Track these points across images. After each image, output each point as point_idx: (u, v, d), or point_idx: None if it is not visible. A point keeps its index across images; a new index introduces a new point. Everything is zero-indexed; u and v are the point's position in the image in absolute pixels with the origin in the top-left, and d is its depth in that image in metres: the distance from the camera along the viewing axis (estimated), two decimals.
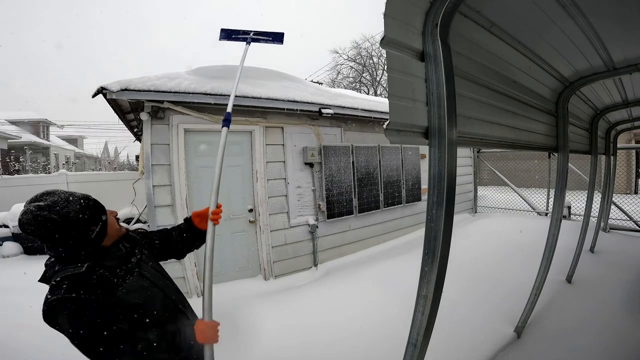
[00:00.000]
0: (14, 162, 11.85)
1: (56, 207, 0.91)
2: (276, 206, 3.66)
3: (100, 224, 1.00)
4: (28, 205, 0.91)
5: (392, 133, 0.95)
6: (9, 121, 14.29)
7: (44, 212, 0.89)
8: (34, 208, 0.89)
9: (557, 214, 2.15)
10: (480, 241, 4.16)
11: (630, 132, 7.54)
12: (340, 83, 19.52)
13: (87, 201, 0.99)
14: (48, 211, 0.89)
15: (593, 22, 1.33)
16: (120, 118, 3.79)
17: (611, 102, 2.80)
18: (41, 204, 0.90)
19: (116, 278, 0.98)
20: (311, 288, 3.21)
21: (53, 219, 0.89)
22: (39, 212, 0.89)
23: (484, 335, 2.18)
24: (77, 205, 0.95)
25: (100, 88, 2.61)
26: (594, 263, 3.33)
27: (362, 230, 4.48)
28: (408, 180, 5.07)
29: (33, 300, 2.96)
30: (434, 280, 1.04)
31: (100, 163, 20.56)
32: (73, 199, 0.96)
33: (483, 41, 1.28)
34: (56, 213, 0.90)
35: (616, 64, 1.78)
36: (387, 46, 0.92)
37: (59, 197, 0.94)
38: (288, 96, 3.55)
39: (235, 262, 3.48)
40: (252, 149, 3.55)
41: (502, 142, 1.60)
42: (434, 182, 1.01)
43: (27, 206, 0.91)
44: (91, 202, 1.00)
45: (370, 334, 2.36)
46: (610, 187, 4.17)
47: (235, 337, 2.38)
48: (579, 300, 2.58)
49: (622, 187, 7.85)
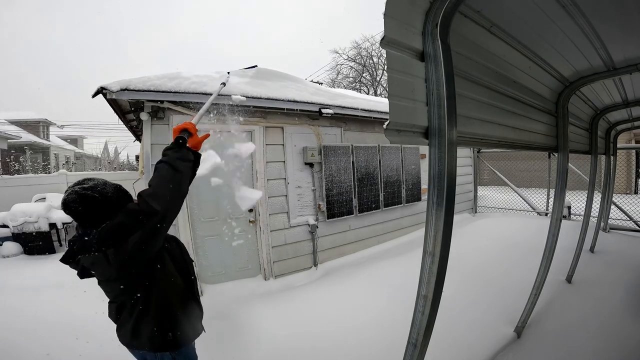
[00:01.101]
0: (14, 162, 11.85)
1: (97, 188, 1.12)
2: (276, 206, 3.66)
3: (130, 204, 1.16)
4: (72, 188, 1.11)
5: (392, 133, 0.95)
6: (9, 121, 14.27)
7: (88, 192, 1.09)
8: (79, 189, 1.09)
9: (557, 214, 2.15)
10: (480, 241, 4.16)
11: (630, 132, 7.54)
12: (340, 83, 19.53)
13: (120, 186, 1.21)
14: (91, 191, 1.10)
15: (593, 22, 1.33)
16: (120, 118, 3.79)
17: (611, 102, 2.79)
18: (85, 186, 1.11)
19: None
20: (311, 288, 3.21)
21: (95, 197, 1.09)
22: (84, 191, 1.09)
23: (484, 335, 2.18)
24: (113, 188, 1.16)
25: (100, 88, 2.61)
26: (594, 263, 3.33)
27: (362, 230, 4.48)
28: (408, 180, 5.07)
29: (33, 300, 2.96)
30: (433, 280, 1.04)
31: (100, 163, 20.56)
32: (109, 183, 1.17)
33: (483, 41, 1.28)
34: (98, 192, 1.10)
35: (616, 64, 1.77)
36: (387, 46, 0.92)
37: (98, 181, 1.15)
38: (288, 96, 3.55)
39: (235, 262, 3.48)
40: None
41: (502, 142, 1.60)
42: (434, 182, 1.01)
43: (71, 188, 1.11)
44: (122, 188, 1.22)
45: (370, 334, 2.36)
46: (610, 187, 4.17)
47: (235, 337, 2.38)
48: (579, 300, 2.58)
49: (622, 187, 7.85)
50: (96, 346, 2.19)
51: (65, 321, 2.52)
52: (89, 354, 2.15)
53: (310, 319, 2.60)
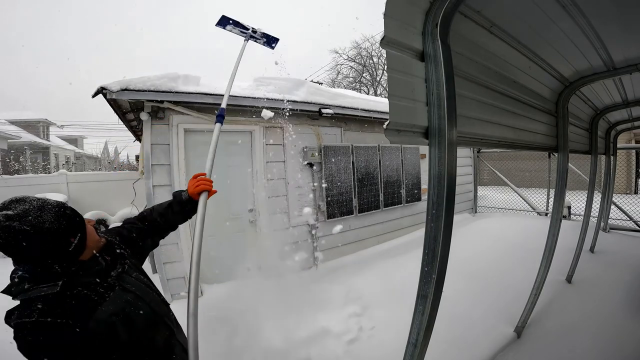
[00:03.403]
0: (14, 162, 11.85)
1: (28, 217, 0.78)
2: (276, 206, 3.66)
3: (79, 235, 0.87)
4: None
5: (392, 133, 0.95)
6: (9, 121, 14.28)
7: (14, 223, 0.76)
8: (2, 218, 0.76)
9: (557, 214, 2.15)
10: (480, 241, 4.16)
11: (630, 132, 7.54)
12: (340, 83, 19.53)
13: (64, 209, 0.85)
14: (19, 221, 0.76)
15: (593, 22, 1.33)
16: (120, 118, 3.79)
17: (611, 102, 2.79)
18: (10, 213, 0.77)
19: (96, 296, 0.87)
20: (311, 288, 3.21)
21: (25, 230, 0.76)
22: (7, 222, 0.76)
23: (484, 335, 2.18)
24: (52, 214, 0.82)
25: (100, 88, 2.61)
26: (594, 263, 3.33)
27: (362, 230, 4.47)
28: (408, 180, 5.07)
29: None
30: (434, 280, 1.04)
31: (100, 163, 20.57)
32: (47, 206, 0.83)
33: (483, 41, 1.28)
34: (28, 223, 0.77)
35: (616, 64, 1.78)
36: (387, 46, 0.92)
37: (31, 204, 0.81)
38: (288, 96, 3.55)
39: (236, 262, 3.48)
40: (252, 149, 3.55)
41: (502, 142, 1.60)
42: (434, 182, 1.01)
43: None
44: (68, 210, 0.87)
45: (369, 334, 2.36)
46: (610, 187, 4.17)
47: (235, 337, 2.38)
48: (579, 300, 2.58)
49: (622, 187, 7.85)
50: None
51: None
52: None
53: (310, 319, 2.60)
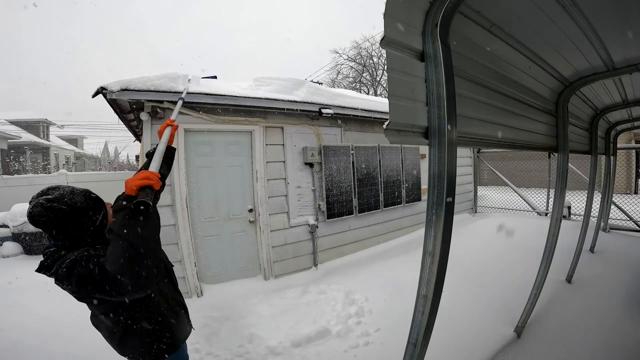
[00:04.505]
0: (14, 162, 11.85)
1: (64, 199, 1.00)
2: (276, 206, 3.66)
3: (103, 213, 1.09)
4: (37, 199, 0.98)
5: (392, 133, 0.95)
6: (9, 121, 14.27)
7: (54, 204, 0.97)
8: (44, 201, 0.97)
9: (557, 214, 2.15)
10: (480, 241, 4.16)
11: (630, 132, 7.54)
12: (340, 83, 19.52)
13: (89, 193, 1.10)
14: (57, 202, 0.98)
15: (593, 22, 1.33)
16: (120, 118, 3.79)
17: (611, 102, 2.79)
18: (50, 197, 0.99)
19: None
20: (311, 288, 3.21)
21: (63, 209, 0.98)
22: (49, 204, 0.97)
23: (484, 335, 2.18)
24: (82, 196, 1.05)
25: (100, 88, 2.61)
26: (594, 263, 3.33)
27: (362, 230, 4.48)
28: (408, 180, 5.07)
29: (32, 300, 2.96)
30: (434, 280, 1.04)
31: (100, 163, 20.54)
32: (77, 191, 1.06)
33: (483, 41, 1.28)
34: (65, 204, 0.99)
35: (616, 64, 1.77)
36: (387, 46, 0.92)
37: (64, 190, 1.03)
38: (288, 96, 3.56)
39: (235, 262, 3.48)
40: (252, 149, 3.55)
41: (502, 142, 1.60)
42: (434, 182, 1.01)
43: (35, 200, 0.98)
44: (92, 194, 1.10)
45: (370, 334, 2.36)
46: (610, 187, 4.17)
47: (234, 337, 2.38)
48: (579, 300, 2.58)
49: (622, 187, 7.85)
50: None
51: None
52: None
53: (310, 319, 2.60)
